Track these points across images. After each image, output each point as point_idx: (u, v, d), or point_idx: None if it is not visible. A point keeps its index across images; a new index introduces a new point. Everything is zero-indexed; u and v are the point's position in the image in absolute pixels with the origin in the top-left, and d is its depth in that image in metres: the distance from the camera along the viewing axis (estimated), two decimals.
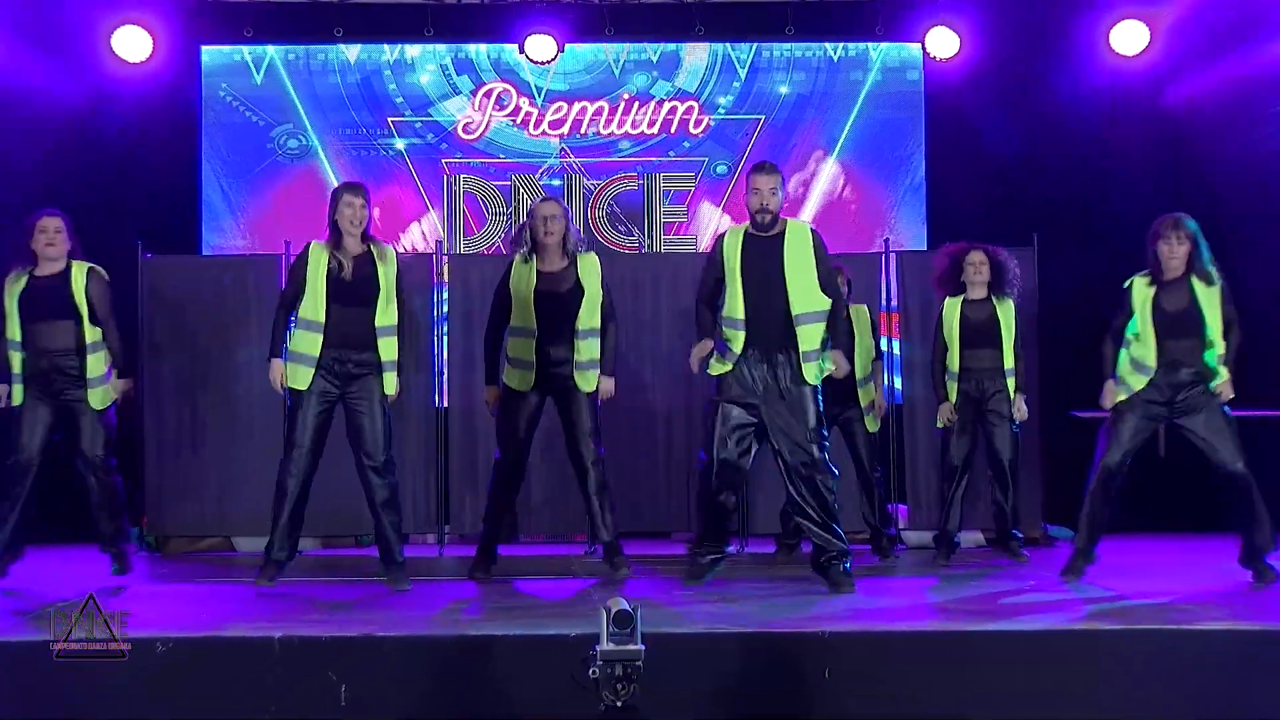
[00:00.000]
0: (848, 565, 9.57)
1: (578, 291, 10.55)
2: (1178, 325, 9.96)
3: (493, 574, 10.56)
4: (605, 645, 6.22)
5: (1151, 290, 10.08)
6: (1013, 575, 10.48)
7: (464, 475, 12.78)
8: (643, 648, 6.23)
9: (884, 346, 12.70)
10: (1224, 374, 9.90)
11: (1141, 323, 10.02)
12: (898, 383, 12.95)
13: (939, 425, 11.87)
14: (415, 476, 12.39)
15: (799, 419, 9.55)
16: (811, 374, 9.57)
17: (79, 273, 10.41)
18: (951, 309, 11.67)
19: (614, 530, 10.71)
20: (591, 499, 10.64)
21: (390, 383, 9.92)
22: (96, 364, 10.36)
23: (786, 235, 9.75)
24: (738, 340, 9.64)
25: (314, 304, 9.94)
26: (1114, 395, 10.12)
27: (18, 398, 10.33)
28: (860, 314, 11.90)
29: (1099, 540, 10.12)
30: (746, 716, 7.16)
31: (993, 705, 7.25)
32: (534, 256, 10.62)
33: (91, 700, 7.23)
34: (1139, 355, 10.01)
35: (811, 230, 9.95)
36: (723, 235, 10.03)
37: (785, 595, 9.38)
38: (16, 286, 10.39)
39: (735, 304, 9.68)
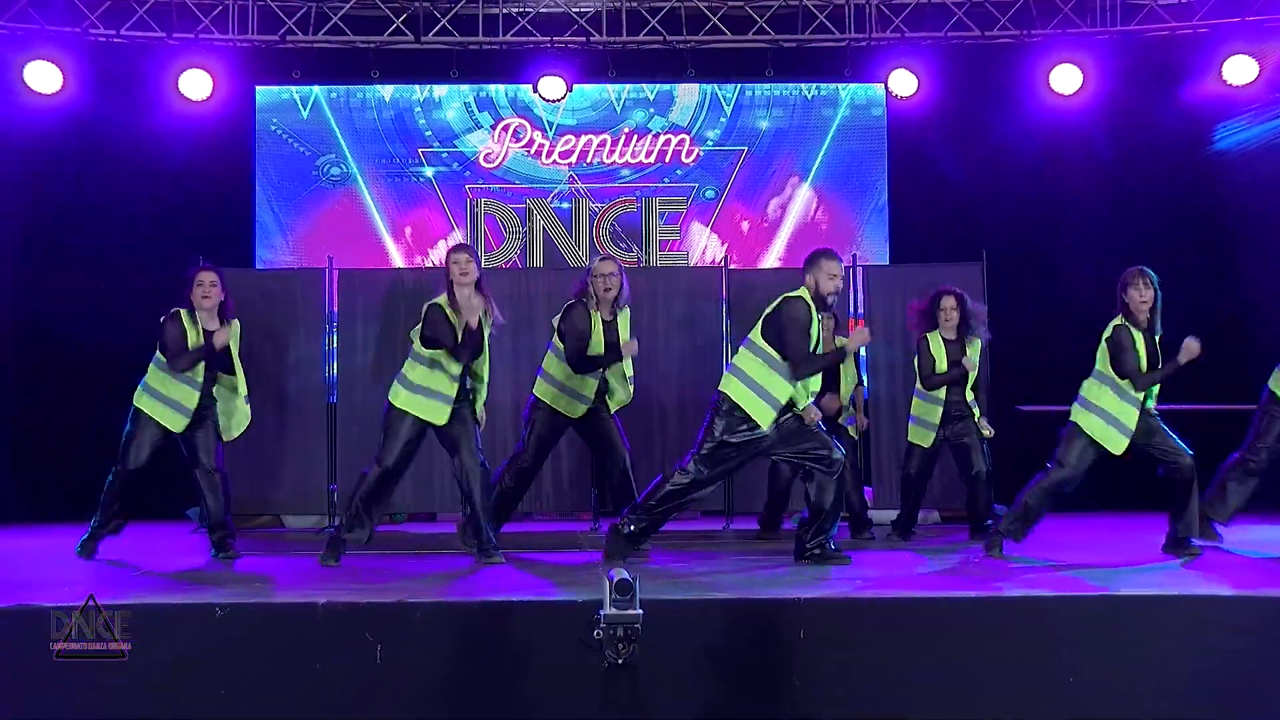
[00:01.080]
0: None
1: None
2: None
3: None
4: (608, 610, 6.20)
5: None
6: (970, 550, 10.45)
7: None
8: (641, 612, 6.22)
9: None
10: None
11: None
12: (864, 379, 12.91)
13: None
14: (446, 465, 12.36)
15: None
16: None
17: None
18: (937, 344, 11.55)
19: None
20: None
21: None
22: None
23: None
24: None
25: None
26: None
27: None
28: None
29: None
30: (732, 672, 7.15)
31: (950, 663, 7.22)
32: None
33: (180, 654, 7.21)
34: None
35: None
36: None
37: (766, 568, 9.36)
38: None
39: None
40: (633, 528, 9.46)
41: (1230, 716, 7.17)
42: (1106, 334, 9.86)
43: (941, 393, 11.37)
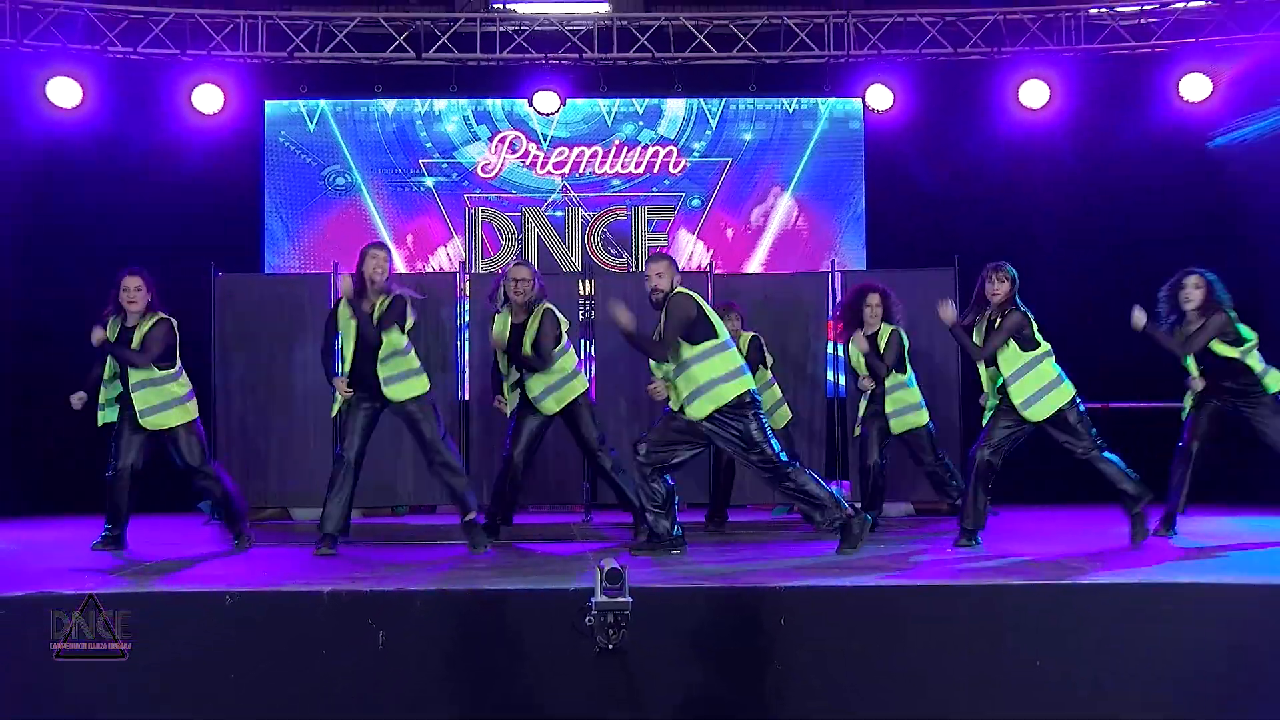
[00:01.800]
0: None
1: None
2: None
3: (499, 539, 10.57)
4: (599, 598, 6.19)
5: None
6: (941, 541, 10.44)
7: (481, 456, 12.75)
8: (630, 600, 6.21)
9: (831, 350, 12.67)
10: None
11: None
12: (841, 379, 12.90)
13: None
14: None
15: None
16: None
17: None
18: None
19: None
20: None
21: None
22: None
23: None
24: None
25: None
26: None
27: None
28: (745, 341, 11.83)
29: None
30: (717, 657, 7.14)
31: (923, 648, 7.23)
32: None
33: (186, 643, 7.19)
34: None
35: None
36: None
37: (748, 558, 9.35)
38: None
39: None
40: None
41: (1200, 697, 7.18)
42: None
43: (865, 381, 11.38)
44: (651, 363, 9.58)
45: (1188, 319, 10.28)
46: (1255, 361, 10.13)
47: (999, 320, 9.94)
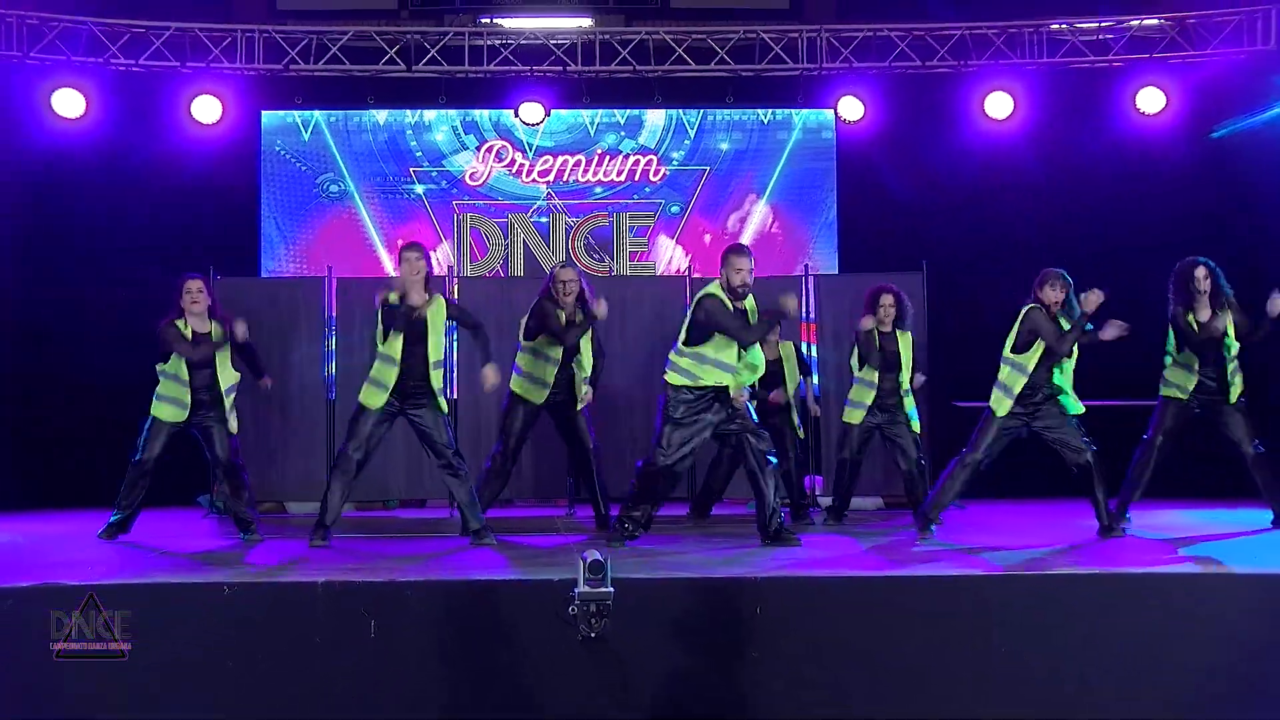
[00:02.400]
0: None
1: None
2: None
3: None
4: (582, 588, 6.19)
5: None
6: (908, 534, 10.45)
7: (470, 450, 12.72)
8: (612, 590, 6.21)
9: (806, 352, 12.67)
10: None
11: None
12: (815, 379, 12.89)
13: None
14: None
15: None
16: None
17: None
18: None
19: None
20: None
21: None
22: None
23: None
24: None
25: None
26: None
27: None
28: (788, 351, 11.85)
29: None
30: (695, 644, 7.14)
31: (891, 636, 7.23)
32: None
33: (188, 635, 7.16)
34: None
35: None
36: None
37: (726, 550, 9.35)
38: None
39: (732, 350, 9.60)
40: None
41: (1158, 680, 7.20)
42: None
43: (875, 377, 11.34)
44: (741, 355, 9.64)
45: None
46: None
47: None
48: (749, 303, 9.66)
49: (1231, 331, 10.35)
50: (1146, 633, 7.26)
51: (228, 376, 10.41)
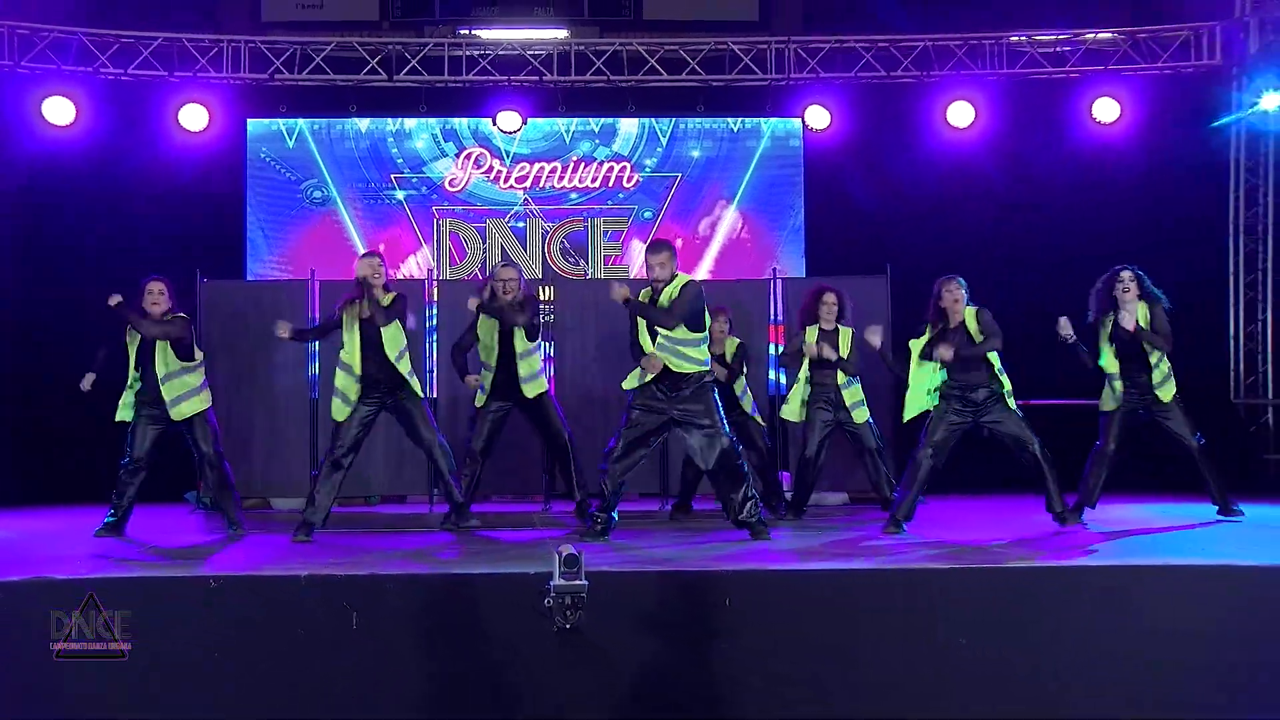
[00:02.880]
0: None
1: None
2: None
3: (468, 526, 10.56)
4: (557, 581, 6.19)
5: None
6: (873, 527, 10.47)
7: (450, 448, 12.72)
8: (586, 583, 6.21)
9: (772, 351, 12.67)
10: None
11: None
12: (783, 378, 12.91)
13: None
14: (414, 450, 12.29)
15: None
16: None
17: None
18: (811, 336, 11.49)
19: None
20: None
21: None
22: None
23: None
24: None
25: None
26: None
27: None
28: (733, 346, 11.81)
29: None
30: (667, 635, 7.15)
31: (854, 627, 7.25)
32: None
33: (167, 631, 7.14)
34: None
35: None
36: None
37: (696, 543, 9.36)
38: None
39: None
40: None
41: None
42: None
43: (804, 374, 11.37)
44: (645, 339, 9.55)
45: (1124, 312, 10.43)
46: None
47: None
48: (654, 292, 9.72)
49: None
50: (1102, 624, 7.28)
51: (165, 367, 10.27)
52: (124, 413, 10.36)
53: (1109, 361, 10.50)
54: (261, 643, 7.11)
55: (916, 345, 10.32)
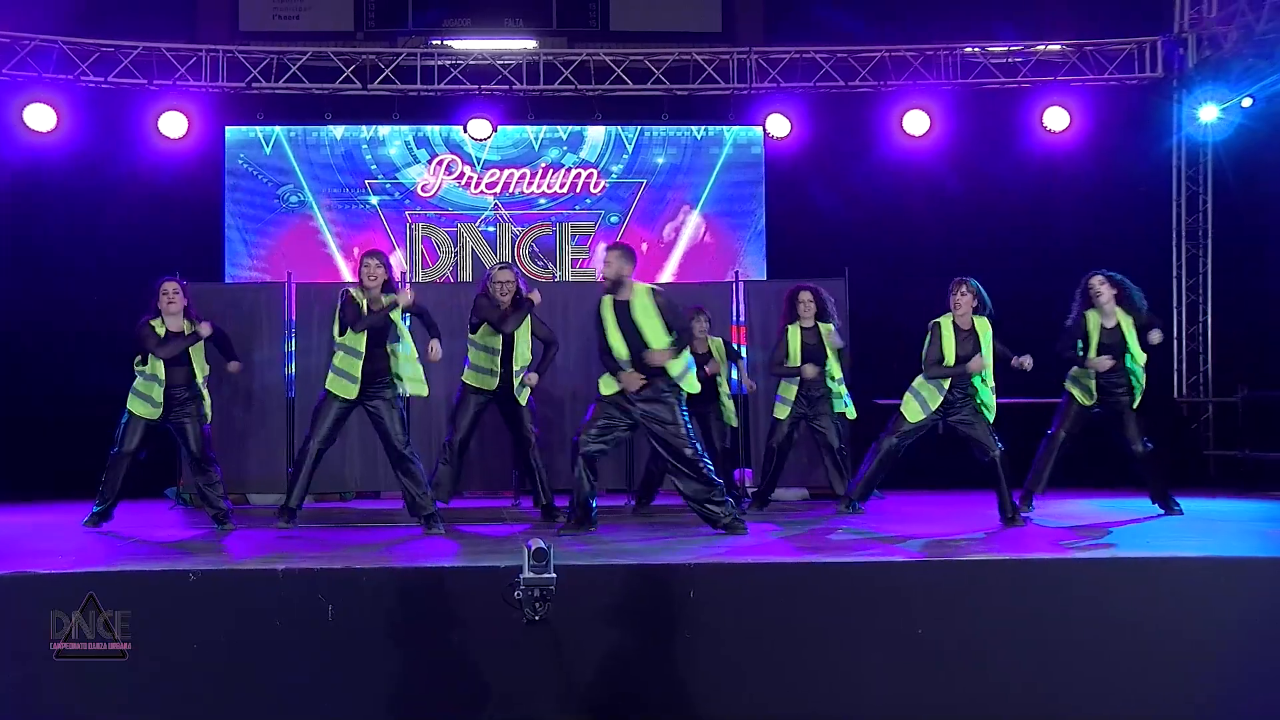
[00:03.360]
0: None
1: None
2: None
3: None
4: (527, 574, 6.20)
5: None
6: (832, 523, 10.50)
7: (422, 444, 12.69)
8: (555, 576, 6.22)
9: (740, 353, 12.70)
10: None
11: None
12: (745, 377, 12.93)
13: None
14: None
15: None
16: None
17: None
18: (794, 333, 11.54)
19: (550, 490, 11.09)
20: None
21: None
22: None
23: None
24: None
25: None
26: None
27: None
28: (717, 345, 11.83)
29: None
30: (632, 626, 7.16)
31: (812, 616, 7.27)
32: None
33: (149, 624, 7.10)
34: None
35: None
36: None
37: (661, 537, 9.37)
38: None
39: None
40: None
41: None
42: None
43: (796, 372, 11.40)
44: (620, 348, 9.49)
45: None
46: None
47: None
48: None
49: (1133, 338, 10.47)
50: (1052, 614, 7.32)
51: (202, 371, 10.43)
52: (135, 404, 10.25)
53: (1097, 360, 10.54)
54: (240, 634, 7.09)
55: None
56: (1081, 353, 10.59)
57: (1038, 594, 7.37)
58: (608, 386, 9.56)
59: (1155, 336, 10.61)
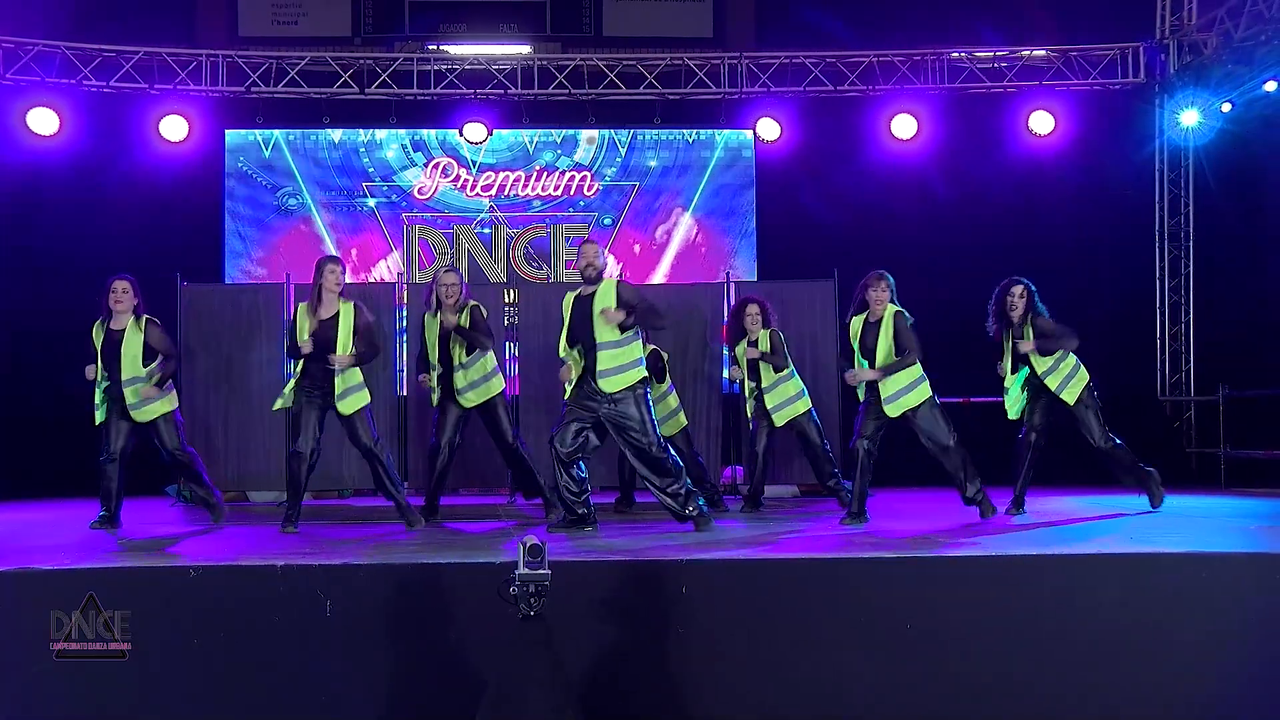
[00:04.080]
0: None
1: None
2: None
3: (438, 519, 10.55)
4: (522, 570, 6.20)
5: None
6: (819, 519, 10.51)
7: (417, 443, 12.70)
8: (549, 572, 6.22)
9: (725, 352, 12.70)
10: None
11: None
12: (730, 374, 12.95)
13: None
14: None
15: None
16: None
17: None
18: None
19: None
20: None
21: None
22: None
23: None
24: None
25: None
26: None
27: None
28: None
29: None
30: (626, 621, 7.17)
31: (802, 612, 7.28)
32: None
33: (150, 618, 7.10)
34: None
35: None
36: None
37: (653, 534, 9.36)
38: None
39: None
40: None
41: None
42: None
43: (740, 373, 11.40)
44: (564, 346, 9.54)
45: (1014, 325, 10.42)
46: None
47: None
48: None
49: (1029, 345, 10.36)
50: (1038, 611, 7.33)
51: (130, 370, 10.02)
52: (102, 412, 10.15)
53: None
54: (239, 628, 7.10)
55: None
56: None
57: (1025, 590, 7.37)
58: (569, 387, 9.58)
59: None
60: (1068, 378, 10.32)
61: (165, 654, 6.98)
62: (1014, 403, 10.52)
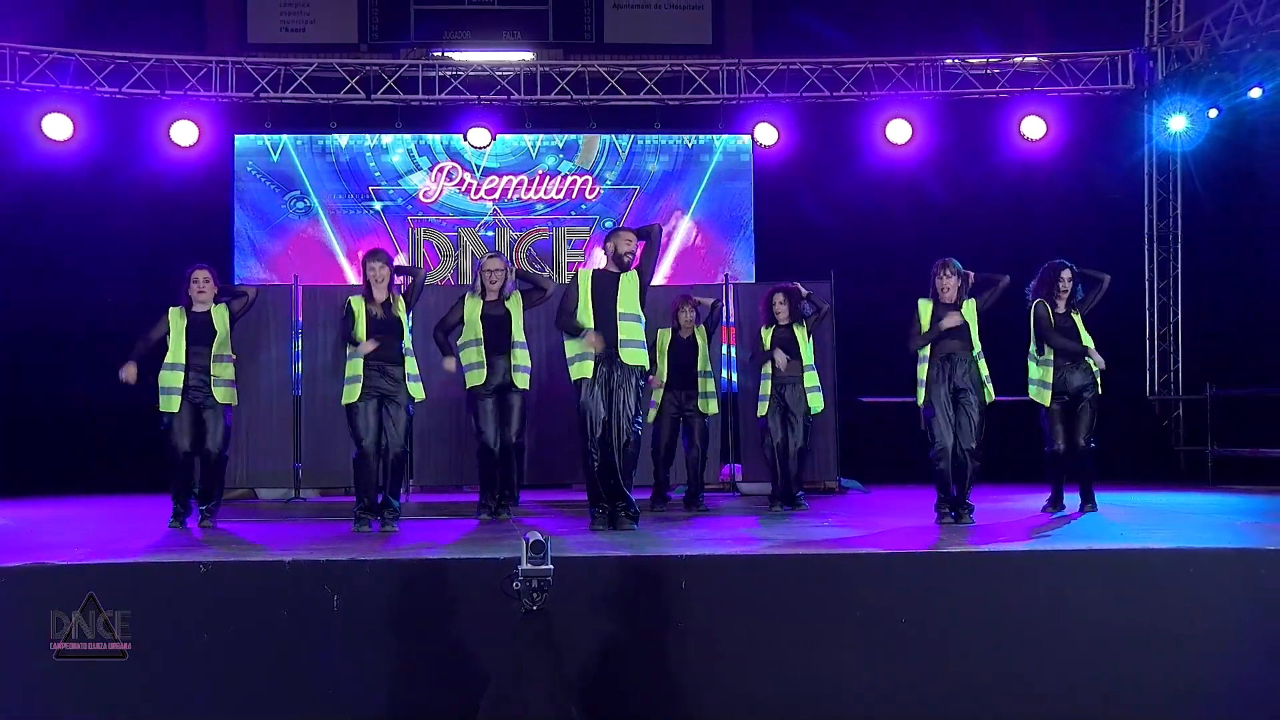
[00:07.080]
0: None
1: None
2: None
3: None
4: (525, 566, 6.17)
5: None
6: (814, 516, 10.47)
7: (422, 440, 12.65)
8: (552, 568, 6.19)
9: (724, 352, 12.67)
10: None
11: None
12: (734, 377, 12.93)
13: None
14: None
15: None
16: None
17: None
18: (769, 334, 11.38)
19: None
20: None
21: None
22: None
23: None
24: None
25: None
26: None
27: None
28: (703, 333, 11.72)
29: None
30: (627, 616, 7.14)
31: (801, 606, 7.25)
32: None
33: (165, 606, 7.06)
34: None
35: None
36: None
37: (654, 531, 9.34)
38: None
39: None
40: None
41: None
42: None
43: (768, 369, 11.19)
44: (588, 316, 9.31)
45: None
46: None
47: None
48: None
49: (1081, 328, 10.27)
50: (1030, 606, 7.30)
51: (220, 348, 9.83)
52: (170, 402, 9.62)
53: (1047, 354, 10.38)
54: (248, 623, 7.06)
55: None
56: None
57: (1019, 586, 7.34)
58: (578, 371, 9.36)
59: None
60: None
61: (165, 653, 6.93)
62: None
